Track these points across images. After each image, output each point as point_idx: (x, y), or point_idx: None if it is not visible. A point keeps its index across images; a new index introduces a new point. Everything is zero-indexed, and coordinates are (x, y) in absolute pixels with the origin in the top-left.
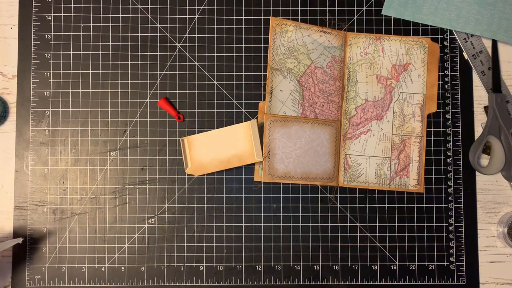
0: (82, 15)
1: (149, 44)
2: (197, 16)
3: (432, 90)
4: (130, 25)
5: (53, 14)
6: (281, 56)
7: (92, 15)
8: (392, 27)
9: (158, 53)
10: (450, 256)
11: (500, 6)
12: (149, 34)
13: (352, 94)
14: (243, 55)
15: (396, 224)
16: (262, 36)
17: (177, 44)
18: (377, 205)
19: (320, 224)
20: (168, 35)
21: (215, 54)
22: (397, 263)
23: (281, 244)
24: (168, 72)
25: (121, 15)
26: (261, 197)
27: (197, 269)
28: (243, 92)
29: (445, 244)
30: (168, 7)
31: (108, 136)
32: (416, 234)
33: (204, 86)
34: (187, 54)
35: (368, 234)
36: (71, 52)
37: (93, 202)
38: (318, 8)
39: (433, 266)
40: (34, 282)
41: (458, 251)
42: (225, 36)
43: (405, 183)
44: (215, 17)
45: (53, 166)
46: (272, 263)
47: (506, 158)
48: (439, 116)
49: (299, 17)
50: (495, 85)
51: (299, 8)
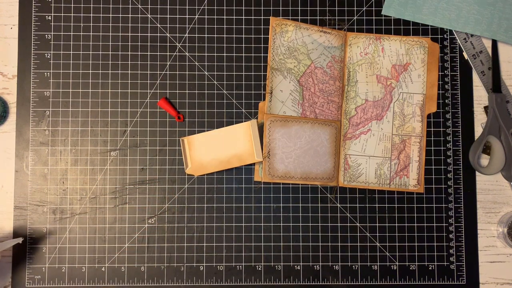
0: (82, 15)
1: (149, 44)
2: (197, 16)
3: (432, 90)
4: (130, 25)
5: (53, 14)
6: (281, 56)
7: (92, 15)
8: (392, 27)
9: (158, 53)
10: (450, 256)
11: (500, 6)
12: (149, 34)
13: (352, 94)
14: (243, 55)
15: (396, 224)
16: (262, 36)
17: (177, 44)
18: (377, 205)
19: (320, 224)
20: (168, 35)
21: (215, 54)
22: (397, 263)
23: (281, 244)
24: (168, 72)
25: (121, 15)
26: (261, 197)
27: (197, 269)
28: (243, 92)
29: (445, 244)
30: (168, 7)
31: (108, 136)
32: (416, 234)
33: (204, 86)
34: (187, 54)
35: (368, 234)
36: (71, 52)
37: (93, 202)
38: (318, 8)
39: (433, 266)
40: (34, 282)
41: (458, 251)
42: (225, 36)
43: (405, 183)
44: (215, 17)
45: (53, 166)
46: (272, 263)
47: (506, 158)
48: (439, 116)
49: (299, 17)
50: (495, 85)
51: (299, 8)
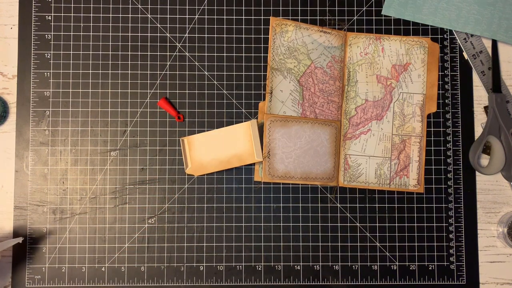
0: (82, 15)
1: (149, 44)
2: (197, 16)
3: (432, 90)
4: (130, 25)
5: (53, 14)
6: (281, 56)
7: (92, 15)
8: (392, 27)
9: (158, 53)
10: (450, 256)
11: (500, 6)
12: (149, 34)
13: (352, 94)
14: (243, 55)
15: (396, 224)
16: (262, 36)
17: (177, 44)
18: (377, 205)
19: (320, 224)
20: (168, 35)
21: (215, 54)
22: (397, 263)
23: (281, 244)
24: (168, 72)
25: (121, 15)
26: (261, 197)
27: (197, 269)
28: (243, 92)
29: (445, 244)
30: (168, 7)
31: (108, 136)
32: (416, 234)
33: (204, 86)
34: (187, 54)
35: (368, 234)
36: (71, 52)
37: (93, 202)
38: (318, 8)
39: (433, 266)
40: (34, 282)
41: (458, 251)
42: (225, 36)
43: (405, 183)
44: (215, 17)
45: (53, 166)
46: (272, 263)
47: (506, 158)
48: (439, 116)
49: (299, 17)
50: (495, 85)
51: (299, 8)
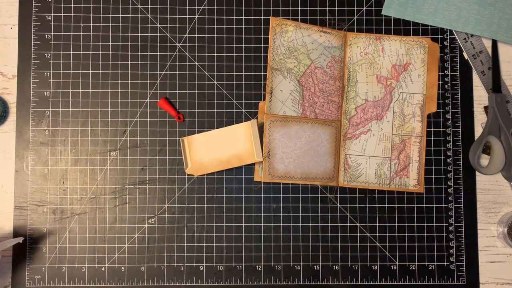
0: (82, 15)
1: (149, 44)
2: (197, 16)
3: (432, 90)
4: (130, 25)
5: (53, 14)
6: (281, 56)
7: (92, 15)
8: (392, 27)
9: (158, 53)
10: (450, 256)
11: (500, 6)
12: (149, 34)
13: (352, 94)
14: (243, 55)
15: (396, 224)
16: (262, 36)
17: (177, 44)
18: (377, 205)
19: (320, 224)
20: (168, 35)
21: (215, 54)
22: (397, 263)
23: (281, 244)
24: (168, 72)
25: (121, 15)
26: (261, 197)
27: (197, 269)
28: (243, 92)
29: (445, 244)
30: (168, 7)
31: (108, 136)
32: (416, 234)
33: (204, 86)
34: (187, 54)
35: (368, 234)
36: (71, 52)
37: (93, 202)
38: (318, 8)
39: (433, 266)
40: (34, 282)
41: (458, 251)
42: (225, 36)
43: (405, 183)
44: (215, 17)
45: (53, 166)
46: (272, 263)
47: (506, 158)
48: (439, 116)
49: (299, 17)
50: (495, 85)
51: (299, 8)
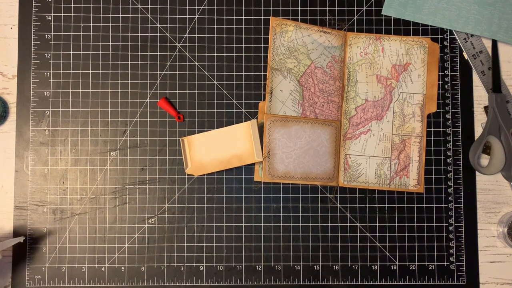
0: (82, 15)
1: (149, 44)
2: (197, 16)
3: (432, 90)
4: (130, 25)
5: (53, 14)
6: (281, 56)
7: (92, 15)
8: (392, 27)
9: (158, 53)
10: (450, 256)
11: (500, 6)
12: (149, 34)
13: (352, 94)
14: (243, 55)
15: (396, 224)
16: (262, 36)
17: (177, 44)
18: (377, 205)
19: (320, 224)
20: (168, 35)
21: (215, 54)
22: (397, 263)
23: (281, 244)
24: (168, 72)
25: (121, 15)
26: (261, 197)
27: (197, 269)
28: (243, 92)
29: (445, 244)
30: (168, 7)
31: (108, 136)
32: (416, 234)
33: (204, 86)
34: (187, 54)
35: (368, 234)
36: (71, 52)
37: (93, 202)
38: (318, 8)
39: (433, 266)
40: (34, 282)
41: (458, 251)
42: (225, 36)
43: (405, 183)
44: (215, 17)
45: (53, 166)
46: (272, 263)
47: (506, 158)
48: (439, 116)
49: (299, 17)
50: (495, 85)
51: (299, 8)
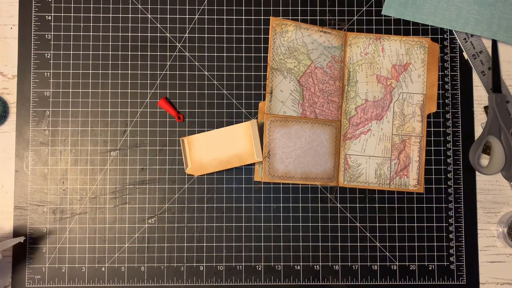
0: (82, 15)
1: (149, 44)
2: (197, 16)
3: (432, 90)
4: (130, 25)
5: (53, 14)
6: (281, 56)
7: (92, 15)
8: (392, 27)
9: (158, 53)
10: (450, 256)
11: (500, 6)
12: (149, 34)
13: (352, 94)
14: (243, 55)
15: (396, 224)
16: (262, 36)
17: (177, 44)
18: (377, 205)
19: (320, 224)
20: (168, 35)
21: (215, 54)
22: (397, 263)
23: (281, 244)
24: (168, 72)
25: (121, 15)
26: (261, 197)
27: (197, 269)
28: (243, 92)
29: (445, 244)
30: (168, 7)
31: (108, 136)
32: (416, 234)
33: (204, 86)
34: (187, 54)
35: (368, 234)
36: (71, 52)
37: (93, 202)
38: (318, 8)
39: (433, 266)
40: (34, 282)
41: (458, 251)
42: (225, 36)
43: (405, 183)
44: (215, 17)
45: (53, 166)
46: (272, 263)
47: (506, 158)
48: (439, 116)
49: (299, 17)
50: (495, 85)
51: (299, 8)
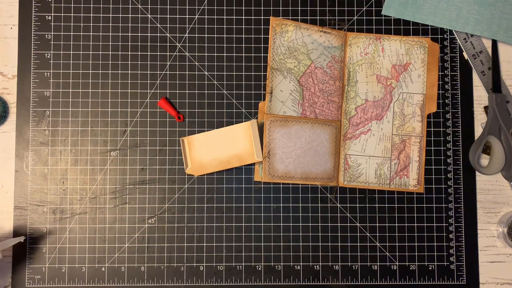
0: (82, 15)
1: (149, 44)
2: (197, 16)
3: (432, 90)
4: (130, 25)
5: (53, 14)
6: (281, 56)
7: (92, 15)
8: (392, 27)
9: (158, 53)
10: (450, 256)
11: (500, 6)
12: (149, 34)
13: (352, 94)
14: (243, 55)
15: (396, 224)
16: (262, 36)
17: (177, 44)
18: (377, 205)
19: (320, 224)
20: (168, 35)
21: (215, 54)
22: (397, 263)
23: (281, 244)
24: (168, 72)
25: (121, 15)
26: (261, 197)
27: (197, 269)
28: (243, 92)
29: (445, 244)
30: (168, 7)
31: (108, 136)
32: (416, 234)
33: (204, 86)
34: (187, 54)
35: (368, 234)
36: (71, 52)
37: (93, 202)
38: (318, 8)
39: (433, 266)
40: (34, 282)
41: (458, 251)
42: (225, 36)
43: (405, 183)
44: (215, 17)
45: (53, 166)
46: (272, 263)
47: (506, 158)
48: (439, 116)
49: (299, 17)
50: (495, 85)
51: (299, 8)
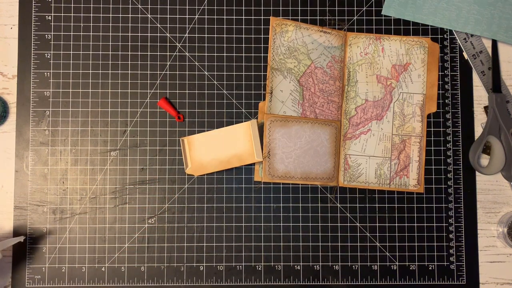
0: (82, 15)
1: (149, 44)
2: (197, 16)
3: (432, 90)
4: (130, 25)
5: (53, 14)
6: (281, 56)
7: (92, 15)
8: (392, 27)
9: (158, 53)
10: (450, 256)
11: (500, 6)
12: (149, 34)
13: (352, 94)
14: (243, 55)
15: (396, 224)
16: (262, 36)
17: (177, 44)
18: (377, 205)
19: (320, 224)
20: (168, 35)
21: (215, 54)
22: (397, 263)
23: (281, 244)
24: (168, 72)
25: (121, 15)
26: (261, 197)
27: (197, 269)
28: (243, 92)
29: (445, 244)
30: (168, 7)
31: (108, 136)
32: (416, 234)
33: (204, 86)
34: (187, 54)
35: (368, 234)
36: (71, 52)
37: (93, 202)
38: (318, 8)
39: (433, 266)
40: (34, 282)
41: (458, 251)
42: (225, 36)
43: (405, 183)
44: (215, 17)
45: (53, 166)
46: (272, 263)
47: (506, 158)
48: (439, 116)
49: (299, 17)
50: (495, 85)
51: (299, 8)
